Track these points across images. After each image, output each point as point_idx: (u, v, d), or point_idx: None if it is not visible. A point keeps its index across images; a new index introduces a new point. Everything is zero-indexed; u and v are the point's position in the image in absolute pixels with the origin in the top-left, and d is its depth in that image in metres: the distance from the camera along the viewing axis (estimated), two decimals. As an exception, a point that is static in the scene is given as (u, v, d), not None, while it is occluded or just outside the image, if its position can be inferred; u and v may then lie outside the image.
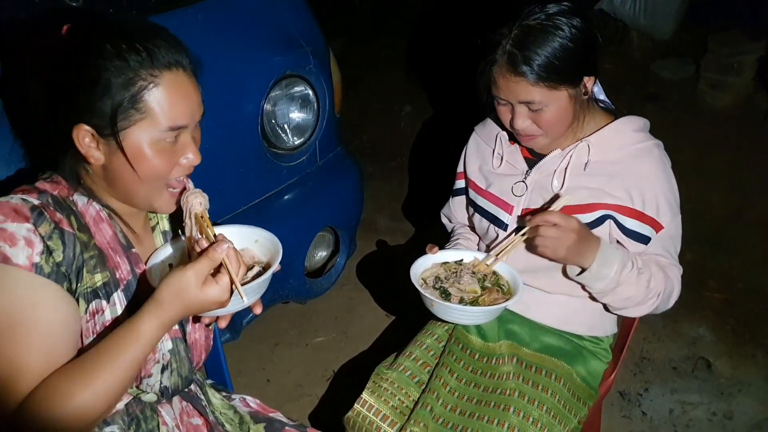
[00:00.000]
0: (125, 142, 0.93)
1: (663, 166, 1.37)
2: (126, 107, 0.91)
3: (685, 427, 2.05)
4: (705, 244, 2.81)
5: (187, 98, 0.97)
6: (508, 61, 1.25)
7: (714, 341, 2.38)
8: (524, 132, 1.34)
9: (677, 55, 3.94)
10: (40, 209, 0.92)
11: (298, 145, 1.96)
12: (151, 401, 1.09)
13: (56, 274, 0.91)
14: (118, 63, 0.90)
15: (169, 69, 0.94)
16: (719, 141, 3.34)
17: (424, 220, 3.24)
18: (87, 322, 0.98)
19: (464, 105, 4.19)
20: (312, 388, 2.27)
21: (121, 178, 0.98)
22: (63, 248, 0.93)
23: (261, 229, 1.14)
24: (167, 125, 0.95)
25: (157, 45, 0.92)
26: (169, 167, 0.99)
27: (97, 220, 1.01)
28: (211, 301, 0.92)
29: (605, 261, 1.28)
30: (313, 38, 1.97)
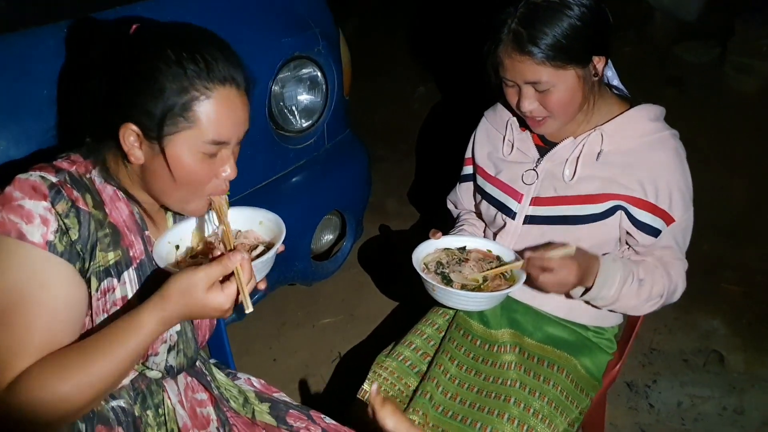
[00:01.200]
0: (168, 148, 0.95)
1: (678, 157, 1.32)
2: (175, 114, 0.93)
3: (693, 421, 2.01)
4: (724, 234, 2.74)
5: (235, 115, 0.98)
6: (514, 41, 1.21)
7: (728, 335, 2.33)
8: (532, 114, 1.30)
9: (702, 37, 3.81)
10: (58, 187, 0.93)
11: (306, 127, 1.94)
12: (156, 378, 1.12)
13: (69, 253, 0.93)
14: (175, 69, 0.91)
15: (222, 84, 0.95)
16: (743, 128, 3.24)
17: (433, 205, 3.20)
18: (98, 300, 0.99)
19: (477, 88, 4.12)
20: (318, 369, 2.28)
21: (158, 180, 0.99)
22: (79, 227, 0.94)
23: (265, 211, 1.15)
24: (211, 138, 0.96)
25: (215, 58, 0.94)
26: (207, 178, 1.00)
27: (113, 199, 1.02)
28: (212, 307, 0.92)
29: (605, 283, 1.28)
30: (322, 19, 1.94)
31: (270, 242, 1.12)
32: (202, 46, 0.94)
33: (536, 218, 1.41)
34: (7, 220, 0.90)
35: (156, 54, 0.92)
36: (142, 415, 1.10)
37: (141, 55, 0.93)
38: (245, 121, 1.01)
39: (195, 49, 0.93)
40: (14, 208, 0.90)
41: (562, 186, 1.38)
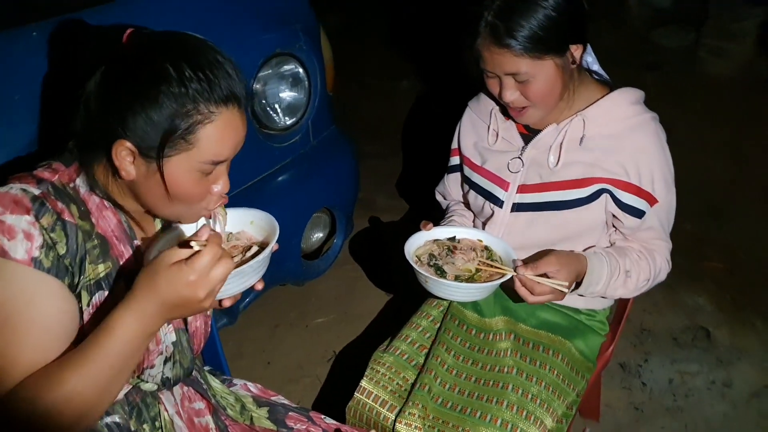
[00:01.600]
0: (165, 167, 0.92)
1: (659, 139, 1.35)
2: (177, 137, 0.90)
3: (685, 397, 2.06)
4: (705, 214, 2.80)
5: (236, 135, 0.95)
6: (491, 34, 1.22)
7: (714, 311, 2.38)
8: (514, 104, 1.32)
9: (677, 22, 3.88)
10: (42, 199, 0.89)
11: (290, 125, 1.94)
12: (151, 390, 1.09)
13: (57, 268, 0.89)
14: (177, 89, 0.87)
15: (226, 105, 0.92)
16: (720, 109, 3.30)
17: (423, 198, 3.22)
18: (90, 315, 0.96)
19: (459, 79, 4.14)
20: (313, 369, 2.28)
21: (150, 196, 0.96)
22: (66, 240, 0.90)
23: (256, 210, 1.13)
24: (211, 159, 0.93)
25: (217, 74, 0.90)
26: (203, 195, 0.98)
27: (100, 208, 0.99)
28: (181, 282, 0.85)
29: (592, 281, 1.31)
30: (302, 15, 1.93)
31: (263, 242, 1.10)
32: (203, 60, 0.90)
33: (523, 205, 1.43)
34: None
35: (156, 71, 0.88)
36: (139, 429, 1.07)
37: (139, 71, 0.88)
38: (243, 138, 0.98)
39: (196, 64, 0.89)
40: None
41: (547, 172, 1.39)
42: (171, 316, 0.89)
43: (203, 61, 0.90)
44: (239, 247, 1.09)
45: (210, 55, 0.91)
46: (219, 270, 0.87)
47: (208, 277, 0.86)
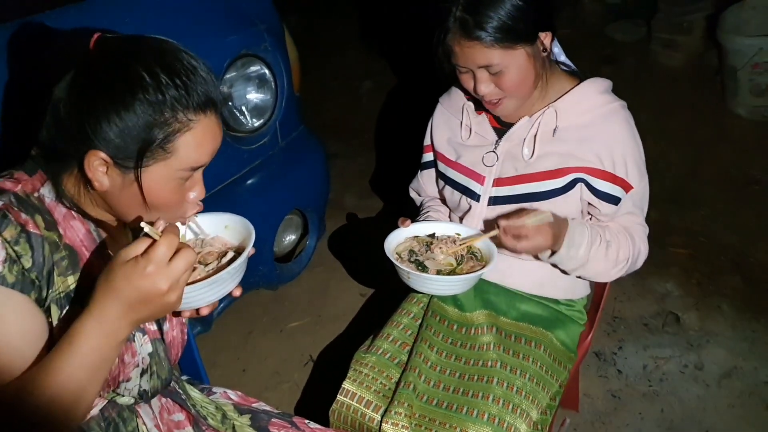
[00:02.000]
0: (143, 177, 0.89)
1: (629, 126, 1.37)
2: (155, 147, 0.87)
3: (660, 382, 2.10)
4: (667, 201, 2.87)
5: (214, 141, 0.94)
6: (461, 28, 1.22)
7: (681, 296, 2.44)
8: (489, 97, 1.32)
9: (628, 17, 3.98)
10: (4, 211, 0.84)
11: (257, 126, 1.90)
12: (128, 404, 1.04)
13: (22, 283, 0.85)
14: (153, 97, 0.84)
15: (204, 111, 0.90)
16: (675, 99, 3.40)
17: (392, 196, 3.22)
18: (61, 329, 0.90)
19: (424, 77, 4.16)
20: (290, 374, 2.24)
21: (124, 205, 0.93)
22: (32, 252, 0.86)
23: (230, 214, 1.10)
24: (190, 166, 0.91)
25: (193, 81, 0.87)
26: (180, 202, 0.95)
27: (67, 217, 0.94)
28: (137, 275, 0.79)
29: (573, 243, 1.31)
30: (266, 15, 1.90)
31: (239, 246, 1.06)
32: (178, 65, 0.87)
33: (500, 198, 1.43)
34: None
35: (130, 78, 0.84)
36: None
37: (112, 78, 0.84)
38: (220, 142, 0.96)
39: (172, 70, 0.86)
40: None
41: (522, 165, 1.40)
42: (137, 317, 0.83)
43: (178, 66, 0.87)
44: (214, 253, 1.05)
45: (184, 59, 0.88)
46: (180, 260, 0.81)
47: (168, 268, 0.80)
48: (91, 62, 0.86)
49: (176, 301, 0.84)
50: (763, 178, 2.95)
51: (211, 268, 1.00)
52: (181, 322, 1.14)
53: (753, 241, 2.64)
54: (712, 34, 3.35)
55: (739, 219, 2.77)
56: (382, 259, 1.30)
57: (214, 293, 0.96)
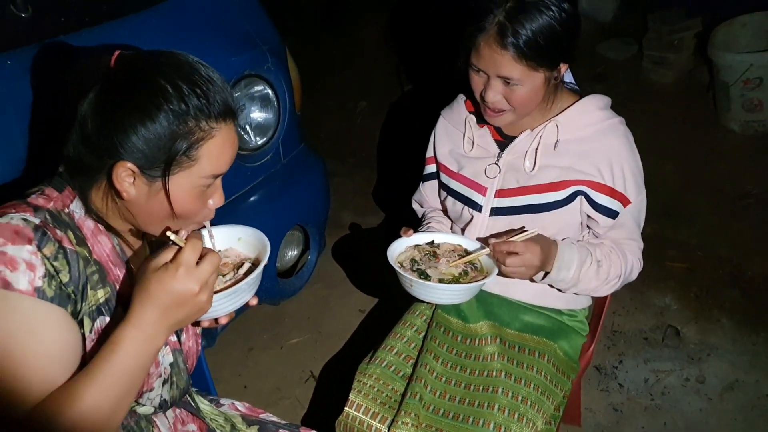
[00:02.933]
0: (169, 185, 0.92)
1: (628, 142, 1.40)
2: (181, 156, 0.90)
3: (661, 395, 2.10)
4: (662, 215, 2.90)
5: (233, 148, 0.97)
6: (498, 32, 1.23)
7: (680, 309, 2.46)
8: (493, 106, 1.33)
9: (620, 35, 4.05)
10: (43, 229, 0.88)
11: (261, 144, 1.92)
12: (147, 413, 1.06)
13: (60, 297, 0.88)
14: (178, 108, 0.87)
15: (224, 120, 0.93)
16: (666, 115, 3.46)
17: (388, 214, 3.23)
18: (92, 341, 0.94)
19: (419, 97, 4.21)
20: (291, 391, 2.24)
21: (147, 214, 0.96)
22: (69, 268, 0.89)
23: (243, 227, 1.12)
24: (212, 173, 0.95)
25: (212, 90, 0.91)
26: (200, 209, 0.98)
27: (95, 233, 0.98)
28: (170, 279, 0.85)
29: (563, 265, 1.34)
30: (268, 37, 1.93)
31: (256, 258, 1.09)
32: (197, 76, 0.90)
33: (502, 209, 1.45)
34: None
35: (154, 89, 0.87)
36: None
37: (137, 91, 0.88)
38: (237, 150, 1.00)
39: (192, 80, 0.89)
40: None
41: (524, 177, 1.42)
42: (174, 321, 0.88)
43: (197, 77, 0.90)
44: (230, 265, 1.07)
45: (201, 70, 0.91)
46: (207, 262, 0.88)
47: (197, 269, 0.87)
48: (114, 78, 0.89)
49: (207, 302, 0.89)
50: (756, 191, 2.99)
51: (228, 279, 1.02)
52: (195, 333, 1.16)
53: (749, 255, 2.67)
54: (702, 51, 3.42)
55: (735, 233, 2.80)
56: (381, 274, 1.31)
57: (234, 303, 0.99)
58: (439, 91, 1.76)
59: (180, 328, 1.01)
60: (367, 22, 4.65)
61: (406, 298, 1.66)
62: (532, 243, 1.27)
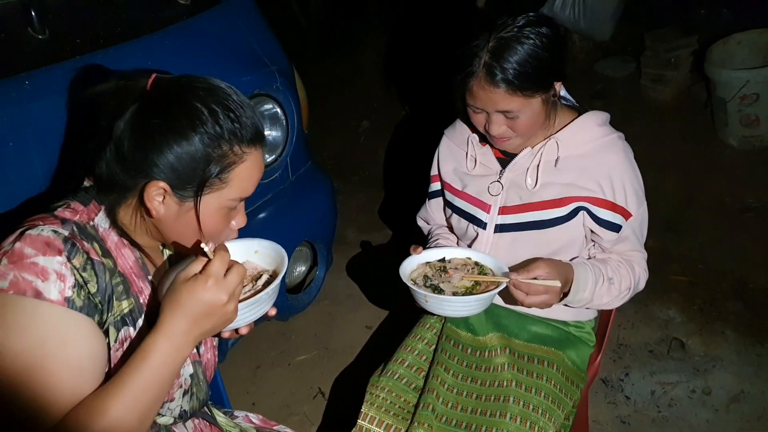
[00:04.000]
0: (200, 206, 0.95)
1: (627, 157, 1.44)
2: (214, 179, 0.94)
3: (668, 407, 2.12)
4: (664, 230, 2.93)
5: (260, 172, 1.01)
6: (487, 73, 1.27)
7: (684, 321, 2.48)
8: (500, 136, 1.38)
9: (618, 53, 4.12)
10: (73, 240, 0.90)
11: (270, 162, 1.96)
12: (167, 424, 1.08)
13: (88, 307, 0.90)
14: (213, 131, 0.91)
15: (255, 145, 0.97)
16: (665, 131, 3.50)
17: (392, 230, 3.27)
18: (116, 351, 0.96)
19: (421, 117, 4.27)
20: (299, 407, 2.25)
21: (175, 232, 0.99)
22: (97, 279, 0.92)
23: (258, 240, 1.15)
24: (239, 196, 0.99)
25: (244, 115, 0.95)
26: (225, 229, 1.02)
27: (119, 245, 1.00)
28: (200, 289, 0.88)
29: (579, 288, 1.36)
30: (277, 57, 1.98)
31: (273, 271, 1.11)
32: (231, 101, 0.94)
33: (506, 226, 1.48)
34: (21, 279, 0.85)
35: (190, 112, 0.91)
36: None
37: (173, 113, 0.91)
38: (263, 174, 1.04)
39: (226, 106, 0.93)
40: (27, 266, 0.86)
41: (527, 194, 1.46)
42: (202, 330, 0.91)
43: (231, 102, 0.94)
44: (248, 276, 1.09)
45: (234, 96, 0.95)
46: (234, 274, 0.91)
47: (225, 280, 0.90)
48: (151, 100, 0.92)
49: (234, 312, 0.92)
50: (756, 205, 3.02)
51: (247, 290, 1.05)
52: (213, 345, 1.18)
53: (751, 267, 2.69)
54: (699, 68, 3.47)
55: (736, 246, 2.83)
56: (387, 291, 1.33)
57: (255, 313, 1.01)
58: (440, 111, 1.80)
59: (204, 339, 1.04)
60: (368, 46, 4.74)
61: (412, 315, 1.69)
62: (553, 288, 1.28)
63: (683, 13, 3.86)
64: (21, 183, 1.33)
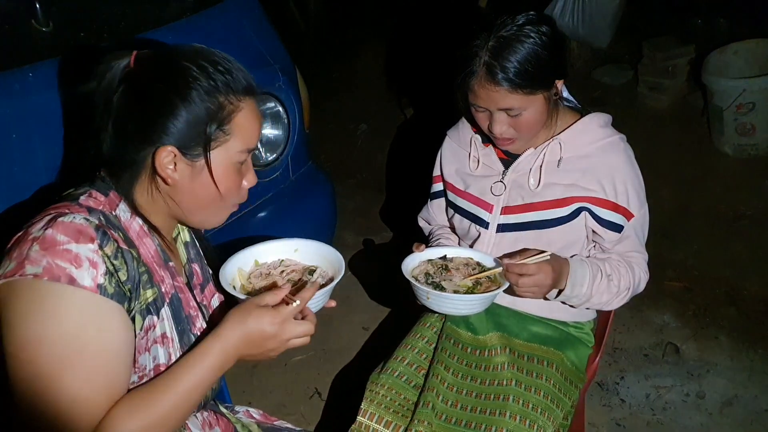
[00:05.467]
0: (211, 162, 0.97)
1: (629, 158, 1.45)
2: (217, 129, 0.95)
3: (663, 410, 2.13)
4: (660, 236, 2.94)
5: (259, 122, 1.03)
6: (487, 72, 1.29)
7: (679, 326, 2.50)
8: (502, 136, 1.39)
9: (615, 61, 4.15)
10: (104, 229, 0.91)
11: (270, 161, 1.96)
12: None
13: (118, 294, 0.91)
14: (207, 85, 0.93)
15: (249, 94, 0.99)
16: (663, 139, 3.53)
17: (389, 233, 3.27)
18: (141, 339, 0.97)
19: (417, 122, 4.28)
20: (296, 407, 2.25)
21: (190, 199, 1.00)
22: (127, 267, 0.92)
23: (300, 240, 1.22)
24: (246, 147, 1.00)
25: (233, 68, 0.97)
26: (237, 188, 1.03)
27: (140, 235, 1.01)
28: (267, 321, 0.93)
29: (576, 282, 1.37)
30: (279, 56, 1.99)
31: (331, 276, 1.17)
32: (216, 57, 0.96)
33: (508, 226, 1.49)
34: (55, 265, 0.85)
35: (181, 72, 0.92)
36: None
37: (164, 77, 0.93)
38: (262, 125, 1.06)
39: (213, 61, 0.95)
40: (60, 253, 0.86)
41: (529, 194, 1.47)
42: (245, 353, 0.94)
43: (217, 58, 0.96)
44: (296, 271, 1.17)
45: (218, 53, 0.98)
46: (302, 326, 0.96)
47: (291, 326, 0.95)
48: (141, 70, 0.94)
49: (275, 356, 0.97)
50: (750, 213, 3.05)
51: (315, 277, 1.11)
52: None
53: (745, 274, 2.72)
54: (696, 77, 3.50)
55: (731, 253, 2.85)
56: (383, 293, 1.34)
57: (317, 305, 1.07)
58: (440, 113, 1.82)
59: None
60: (366, 50, 4.76)
61: (409, 316, 1.69)
62: (544, 263, 1.30)
63: (681, 23, 3.91)
64: (24, 175, 1.33)
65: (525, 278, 1.30)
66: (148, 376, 0.98)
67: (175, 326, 1.02)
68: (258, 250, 1.21)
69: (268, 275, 1.16)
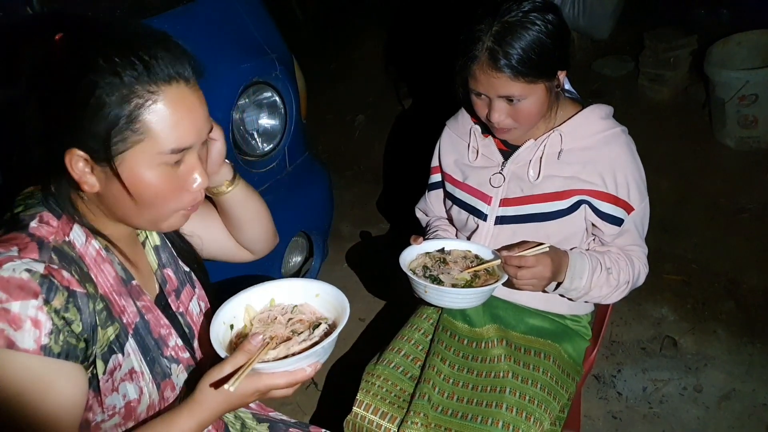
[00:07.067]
0: (122, 167, 0.83)
1: (630, 150, 1.43)
2: (121, 128, 0.81)
3: (659, 403, 2.13)
4: (659, 229, 2.94)
5: (192, 114, 0.86)
6: (489, 57, 1.27)
7: (677, 320, 2.49)
8: (500, 125, 1.37)
9: (616, 53, 4.12)
10: (50, 278, 0.81)
11: (267, 151, 1.95)
12: None
13: (68, 350, 0.83)
14: (110, 79, 0.80)
15: (169, 83, 0.83)
16: (663, 131, 3.51)
17: (386, 224, 3.26)
18: (106, 381, 0.91)
19: (415, 113, 4.26)
20: (292, 397, 2.22)
21: (119, 205, 0.89)
22: (80, 316, 0.84)
23: (322, 283, 1.09)
24: (170, 147, 0.85)
25: (155, 56, 0.82)
26: (174, 193, 0.89)
27: (97, 261, 0.92)
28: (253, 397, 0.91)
29: (575, 274, 1.36)
30: (276, 45, 1.97)
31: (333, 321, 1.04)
32: (137, 45, 0.82)
33: (506, 218, 1.48)
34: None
35: (86, 66, 0.80)
36: None
37: (71, 71, 0.81)
38: (205, 119, 0.89)
39: (130, 50, 0.81)
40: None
41: (528, 186, 1.45)
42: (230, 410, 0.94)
43: (138, 46, 0.82)
44: (305, 323, 1.03)
45: (145, 38, 0.84)
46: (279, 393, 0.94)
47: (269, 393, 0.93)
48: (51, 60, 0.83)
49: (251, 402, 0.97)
50: (751, 206, 3.04)
51: (303, 337, 0.98)
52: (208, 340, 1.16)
53: (744, 268, 2.71)
54: (698, 68, 3.48)
55: (730, 246, 2.84)
56: (380, 284, 1.32)
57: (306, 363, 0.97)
58: (436, 105, 1.80)
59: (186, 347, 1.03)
60: (364, 40, 4.73)
61: (406, 307, 1.68)
62: (543, 256, 1.29)
63: (683, 13, 3.87)
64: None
65: (524, 271, 1.28)
66: (119, 414, 0.94)
67: (144, 358, 0.95)
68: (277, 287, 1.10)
69: (274, 320, 1.05)
